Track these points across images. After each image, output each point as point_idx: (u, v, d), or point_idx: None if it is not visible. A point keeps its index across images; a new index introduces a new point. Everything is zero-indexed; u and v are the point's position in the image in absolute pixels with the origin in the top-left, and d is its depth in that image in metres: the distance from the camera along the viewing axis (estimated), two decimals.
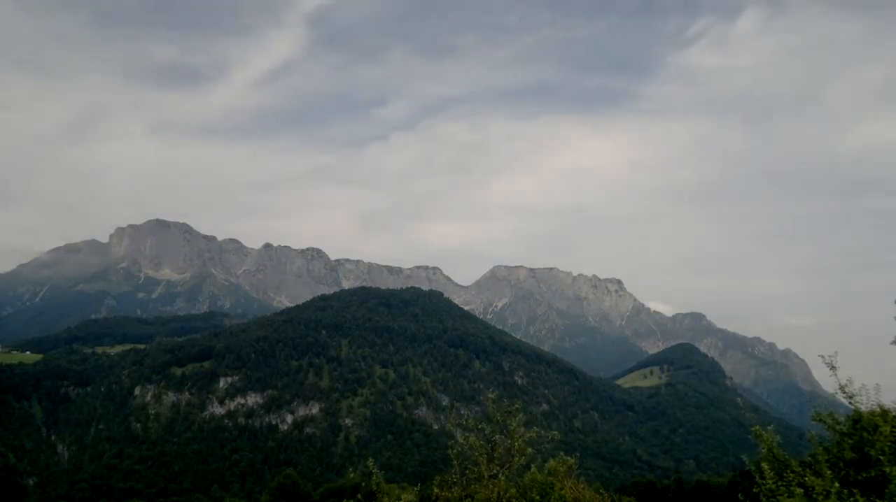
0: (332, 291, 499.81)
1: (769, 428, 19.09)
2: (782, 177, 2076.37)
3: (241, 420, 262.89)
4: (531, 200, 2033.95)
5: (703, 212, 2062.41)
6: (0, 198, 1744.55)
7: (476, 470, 20.08)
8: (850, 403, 18.98)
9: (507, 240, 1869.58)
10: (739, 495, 18.78)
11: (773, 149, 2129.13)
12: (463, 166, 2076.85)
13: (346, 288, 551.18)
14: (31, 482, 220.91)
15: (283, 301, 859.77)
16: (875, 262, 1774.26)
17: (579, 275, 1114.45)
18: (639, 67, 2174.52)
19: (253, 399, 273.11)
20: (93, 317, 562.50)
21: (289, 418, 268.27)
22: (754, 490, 16.92)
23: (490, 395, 21.58)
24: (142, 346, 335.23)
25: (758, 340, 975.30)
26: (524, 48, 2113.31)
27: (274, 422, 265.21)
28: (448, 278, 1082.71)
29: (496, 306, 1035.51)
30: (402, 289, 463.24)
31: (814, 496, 15.64)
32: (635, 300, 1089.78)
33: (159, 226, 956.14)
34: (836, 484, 15.77)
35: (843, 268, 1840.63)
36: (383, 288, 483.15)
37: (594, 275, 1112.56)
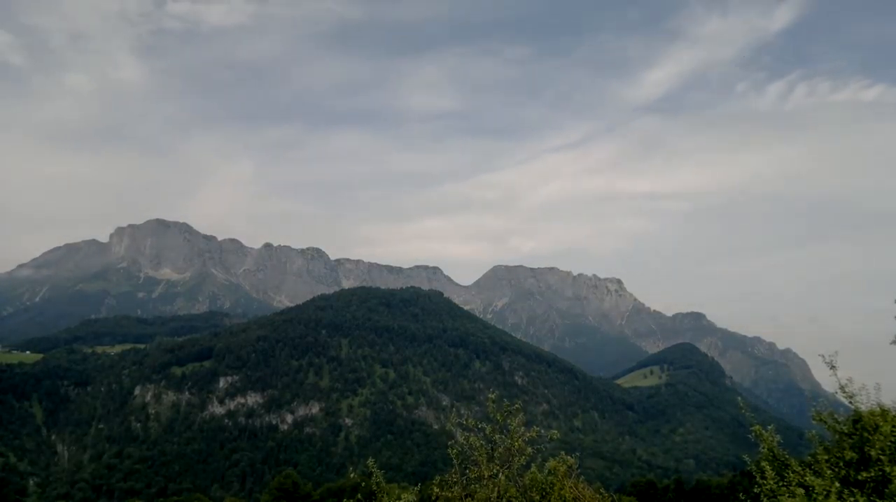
0: (332, 291, 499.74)
1: (769, 428, 19.09)
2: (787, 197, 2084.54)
3: (241, 420, 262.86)
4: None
5: (706, 217, 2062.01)
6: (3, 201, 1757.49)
7: (476, 470, 20.08)
8: (850, 403, 18.96)
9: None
10: (740, 495, 18.79)
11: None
12: None
13: (346, 288, 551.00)
14: (31, 482, 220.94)
15: (283, 301, 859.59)
16: (876, 262, 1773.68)
17: (579, 274, 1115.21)
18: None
19: (253, 399, 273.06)
20: (93, 317, 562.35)
21: (289, 418, 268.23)
22: (755, 489, 16.92)
23: (490, 395, 21.57)
24: (142, 346, 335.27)
25: (758, 340, 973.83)
26: None
27: (274, 422, 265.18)
28: (448, 278, 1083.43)
29: (496, 306, 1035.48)
30: (402, 288, 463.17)
31: (814, 496, 15.63)
32: (635, 300, 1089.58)
33: (159, 226, 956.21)
34: (836, 484, 15.76)
35: (843, 268, 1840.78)
36: (383, 288, 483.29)
37: (594, 275, 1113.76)
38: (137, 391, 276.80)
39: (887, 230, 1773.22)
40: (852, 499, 15.23)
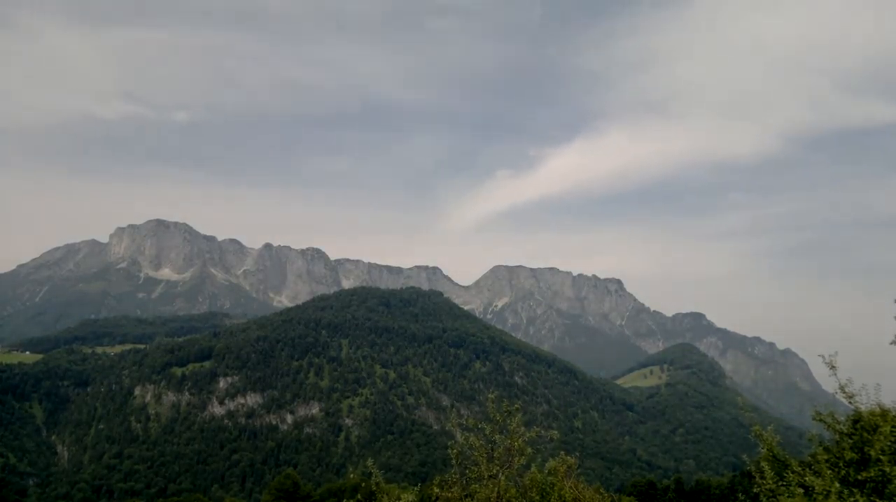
0: (332, 291, 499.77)
1: (769, 428, 19.11)
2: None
3: (241, 420, 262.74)
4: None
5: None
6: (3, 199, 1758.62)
7: (476, 470, 20.10)
8: (850, 403, 18.98)
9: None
10: (739, 495, 18.82)
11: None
12: None
13: (346, 288, 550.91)
14: (31, 482, 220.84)
15: (283, 301, 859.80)
16: (876, 261, 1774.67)
17: (579, 275, 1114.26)
18: None
19: (253, 399, 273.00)
20: (93, 317, 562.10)
21: (289, 418, 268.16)
22: (754, 490, 16.95)
23: (490, 395, 21.60)
24: (142, 346, 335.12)
25: (758, 340, 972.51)
26: None
27: (274, 422, 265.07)
28: (448, 278, 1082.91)
29: (496, 306, 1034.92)
30: (401, 288, 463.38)
31: (814, 496, 15.64)
32: (635, 300, 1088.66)
33: (159, 226, 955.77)
34: (836, 484, 15.77)
35: (843, 267, 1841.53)
36: (383, 288, 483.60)
37: (594, 275, 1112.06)
38: (137, 391, 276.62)
39: (887, 230, 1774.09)
40: (852, 499, 15.23)
